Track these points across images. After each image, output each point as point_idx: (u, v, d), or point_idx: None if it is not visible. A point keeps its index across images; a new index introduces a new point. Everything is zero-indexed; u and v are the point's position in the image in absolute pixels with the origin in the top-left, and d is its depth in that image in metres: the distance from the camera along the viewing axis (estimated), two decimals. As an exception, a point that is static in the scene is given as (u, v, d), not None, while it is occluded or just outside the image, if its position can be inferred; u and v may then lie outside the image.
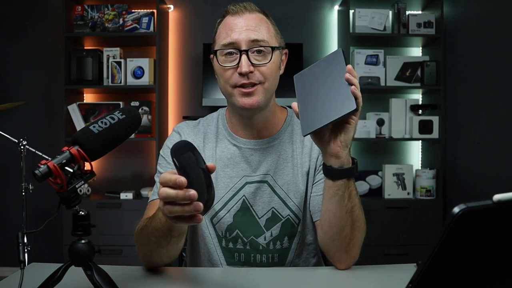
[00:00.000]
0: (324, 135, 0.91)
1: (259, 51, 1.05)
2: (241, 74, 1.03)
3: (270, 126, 1.15)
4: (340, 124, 0.89)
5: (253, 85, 1.04)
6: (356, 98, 0.84)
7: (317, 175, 1.13)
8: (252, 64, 1.04)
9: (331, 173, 0.93)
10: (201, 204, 0.70)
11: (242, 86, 1.04)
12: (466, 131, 2.77)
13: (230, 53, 1.05)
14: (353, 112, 0.85)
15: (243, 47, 1.04)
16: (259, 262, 1.12)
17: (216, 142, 1.16)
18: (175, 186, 0.70)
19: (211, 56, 1.14)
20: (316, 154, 1.14)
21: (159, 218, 0.86)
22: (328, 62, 0.91)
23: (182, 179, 0.70)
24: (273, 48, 1.06)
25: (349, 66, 0.87)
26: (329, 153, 0.92)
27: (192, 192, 0.70)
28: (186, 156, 0.74)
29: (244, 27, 1.05)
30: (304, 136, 0.89)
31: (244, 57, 1.03)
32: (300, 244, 1.15)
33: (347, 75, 0.86)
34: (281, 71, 1.14)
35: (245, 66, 1.03)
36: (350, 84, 0.85)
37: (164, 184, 0.72)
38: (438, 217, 2.85)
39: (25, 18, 3.20)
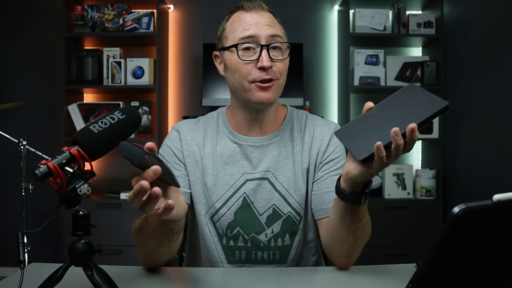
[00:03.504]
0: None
1: (276, 47, 1.06)
2: (261, 68, 1.03)
3: (271, 123, 1.16)
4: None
5: (270, 80, 1.05)
6: (376, 156, 0.78)
7: (317, 173, 1.13)
8: (271, 59, 1.04)
9: (336, 189, 0.92)
10: (157, 190, 0.68)
11: (261, 81, 1.04)
12: (466, 131, 2.77)
13: (248, 48, 1.05)
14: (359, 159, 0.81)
15: (263, 42, 1.04)
16: (260, 259, 1.12)
17: (216, 140, 1.16)
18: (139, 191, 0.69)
19: (215, 53, 1.14)
20: (315, 151, 1.14)
21: (156, 222, 0.86)
22: (426, 100, 0.80)
23: (141, 182, 0.68)
24: (290, 45, 1.09)
25: (412, 125, 0.76)
26: (344, 169, 0.89)
27: (140, 184, 0.68)
28: (139, 158, 0.72)
29: (263, 22, 1.06)
30: (334, 133, 0.88)
31: (265, 51, 1.04)
32: (302, 241, 1.15)
33: (395, 130, 0.76)
34: None
35: (266, 60, 1.03)
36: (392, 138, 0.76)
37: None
38: (438, 217, 2.85)
39: (25, 18, 3.20)
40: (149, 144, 0.75)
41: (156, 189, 0.69)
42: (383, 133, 0.79)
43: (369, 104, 0.86)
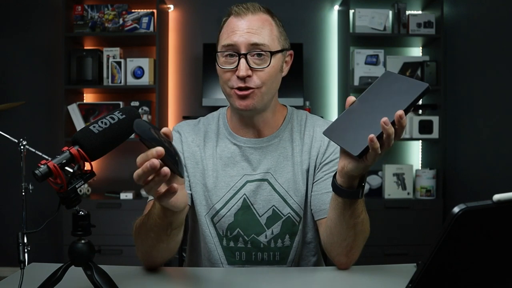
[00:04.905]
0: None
1: (259, 55, 1.04)
2: (239, 77, 1.03)
3: (270, 125, 1.15)
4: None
5: (248, 88, 1.04)
6: (371, 148, 0.79)
7: (317, 173, 1.13)
8: (251, 68, 1.04)
9: (333, 186, 0.93)
10: (166, 169, 0.71)
11: (239, 88, 1.04)
12: (466, 131, 2.77)
13: (230, 55, 1.05)
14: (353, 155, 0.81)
15: (242, 51, 1.04)
16: (260, 260, 1.12)
17: (216, 142, 1.16)
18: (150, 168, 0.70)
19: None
20: (315, 152, 1.14)
21: (157, 214, 0.87)
22: (406, 85, 0.82)
23: (153, 160, 0.70)
24: (272, 53, 1.05)
25: (400, 112, 0.77)
26: (339, 165, 0.90)
27: (151, 161, 0.69)
28: (148, 135, 0.73)
29: (245, 29, 1.04)
30: (323, 133, 0.88)
31: (242, 61, 1.03)
32: (301, 242, 1.15)
33: (385, 120, 0.77)
34: (284, 73, 1.13)
35: (243, 70, 1.02)
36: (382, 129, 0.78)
37: (139, 166, 0.72)
38: (438, 217, 2.85)
39: (25, 18, 3.20)
40: (165, 129, 0.78)
41: (166, 169, 0.71)
42: (372, 125, 0.80)
43: (351, 99, 0.87)
